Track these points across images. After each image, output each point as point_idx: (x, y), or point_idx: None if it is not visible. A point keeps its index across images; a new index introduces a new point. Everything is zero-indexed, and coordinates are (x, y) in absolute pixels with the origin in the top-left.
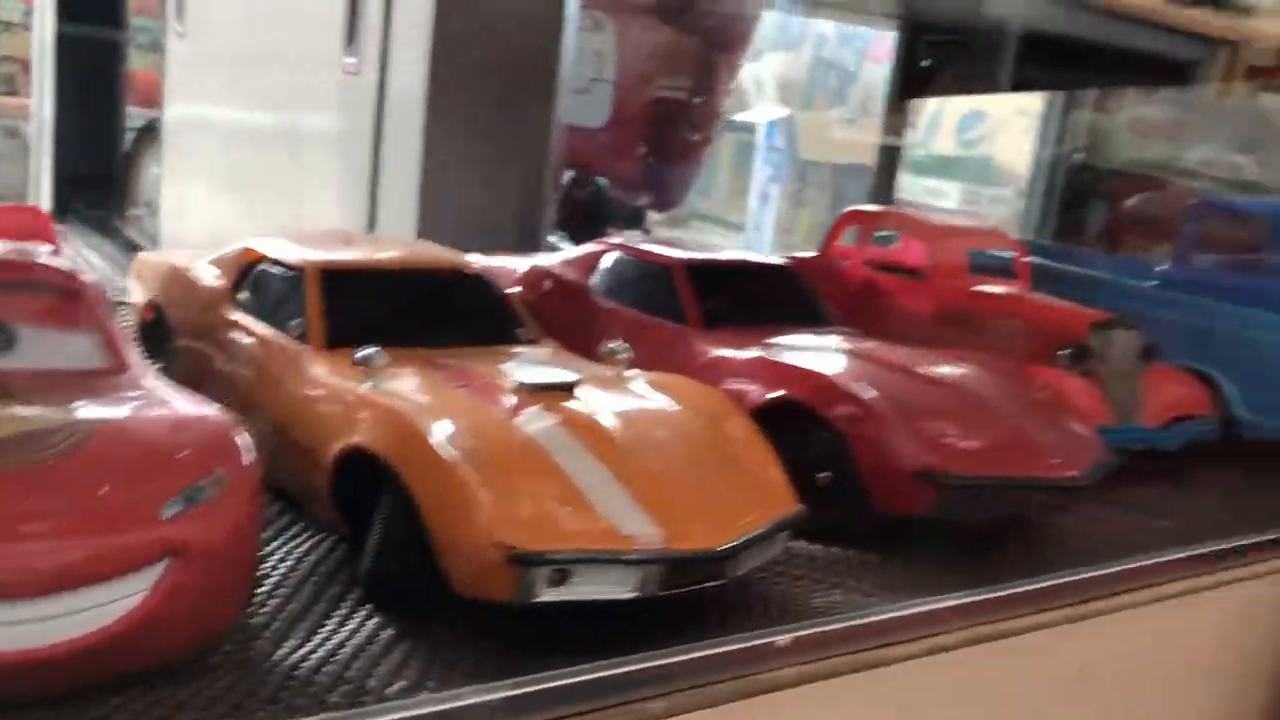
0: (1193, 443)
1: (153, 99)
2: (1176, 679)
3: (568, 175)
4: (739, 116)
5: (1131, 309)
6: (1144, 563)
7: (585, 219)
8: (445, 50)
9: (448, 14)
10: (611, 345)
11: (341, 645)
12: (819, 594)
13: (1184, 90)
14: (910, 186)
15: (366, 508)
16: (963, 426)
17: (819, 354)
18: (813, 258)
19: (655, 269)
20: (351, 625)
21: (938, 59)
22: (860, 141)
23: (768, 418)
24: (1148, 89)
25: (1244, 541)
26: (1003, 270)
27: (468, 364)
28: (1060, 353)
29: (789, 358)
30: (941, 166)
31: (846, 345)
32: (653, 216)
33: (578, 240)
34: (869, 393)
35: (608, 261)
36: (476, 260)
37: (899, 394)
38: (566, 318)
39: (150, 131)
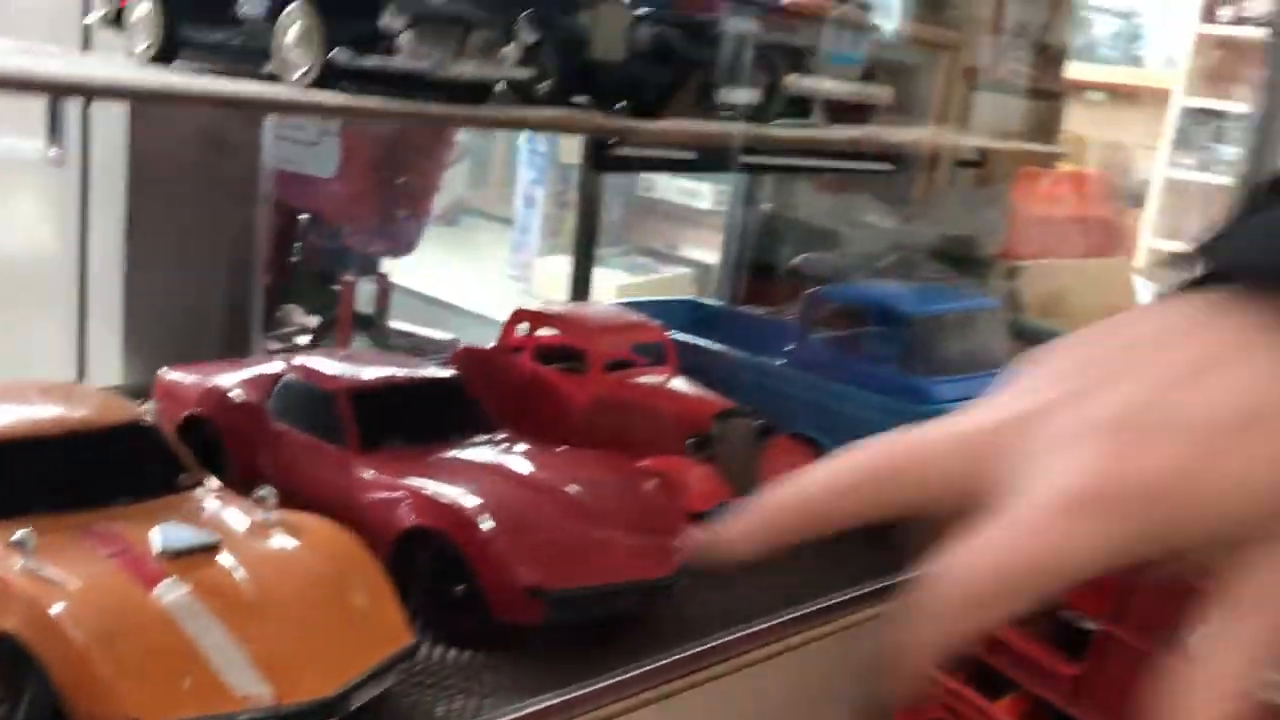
0: None
1: None
2: None
3: (304, 220)
4: None
5: (764, 384)
6: (726, 638)
7: (323, 264)
8: (145, 147)
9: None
10: (261, 491)
11: None
12: (443, 701)
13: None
14: (666, 187)
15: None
16: (568, 540)
17: (459, 476)
18: (490, 350)
19: (321, 392)
20: None
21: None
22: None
23: (413, 536)
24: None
25: (823, 604)
26: (661, 357)
27: (124, 526)
28: (688, 442)
29: (425, 484)
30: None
31: (491, 459)
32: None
33: (323, 280)
34: (487, 521)
35: (283, 382)
36: (169, 376)
37: (518, 513)
38: (247, 439)
39: None
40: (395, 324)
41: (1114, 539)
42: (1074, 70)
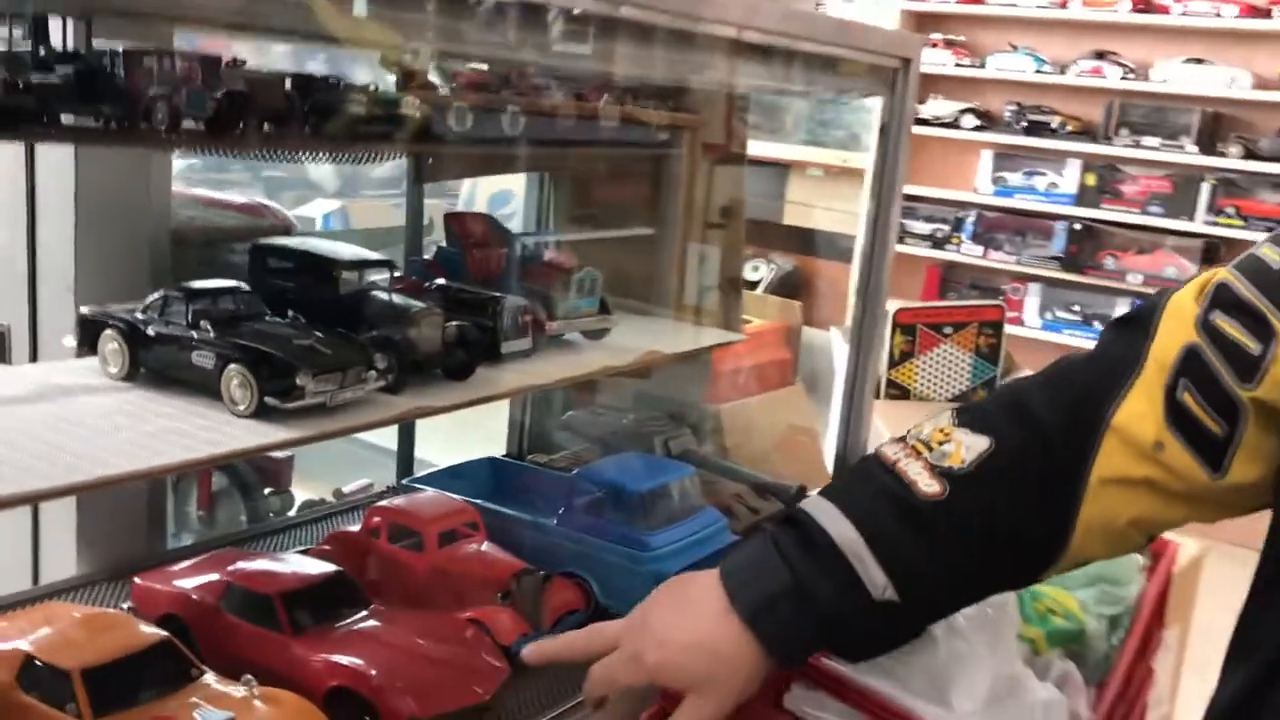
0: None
1: None
2: None
3: None
4: (300, 210)
5: (543, 539)
6: None
7: None
8: None
9: None
10: (246, 677)
11: None
12: None
13: None
14: None
15: None
16: (425, 680)
17: (354, 646)
18: (355, 533)
19: (261, 595)
20: None
21: None
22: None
23: (335, 691)
24: None
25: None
26: (476, 527)
27: (175, 710)
28: (497, 595)
29: (335, 656)
30: None
31: (370, 629)
32: None
33: None
34: (378, 676)
35: (230, 587)
36: (141, 583)
37: (392, 666)
38: (209, 629)
39: None
40: None
41: (636, 677)
42: (800, 151)
